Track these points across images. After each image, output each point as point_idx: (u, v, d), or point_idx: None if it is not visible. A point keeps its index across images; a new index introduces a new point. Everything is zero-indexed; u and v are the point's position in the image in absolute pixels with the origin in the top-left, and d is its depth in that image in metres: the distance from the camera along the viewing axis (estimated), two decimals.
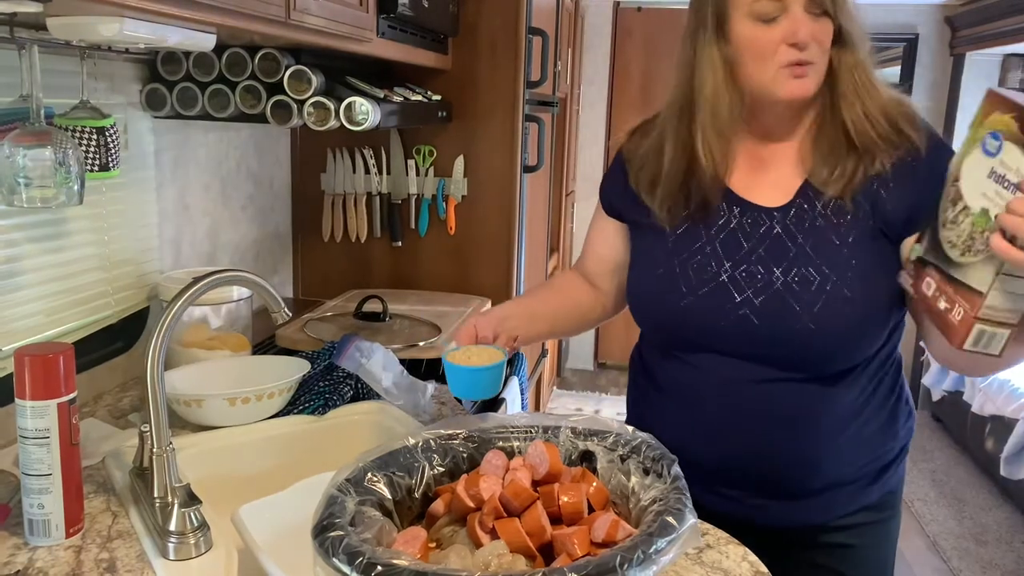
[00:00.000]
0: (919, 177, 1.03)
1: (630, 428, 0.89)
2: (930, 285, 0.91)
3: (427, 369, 1.62)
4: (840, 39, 1.04)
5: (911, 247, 0.98)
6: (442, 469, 0.88)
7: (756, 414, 1.08)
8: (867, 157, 1.05)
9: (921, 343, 3.68)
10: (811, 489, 1.12)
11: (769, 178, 1.11)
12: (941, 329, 0.91)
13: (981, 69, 4.42)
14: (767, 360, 1.07)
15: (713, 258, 1.10)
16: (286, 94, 1.56)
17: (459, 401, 1.46)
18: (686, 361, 1.13)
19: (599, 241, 1.30)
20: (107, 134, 1.32)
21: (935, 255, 0.91)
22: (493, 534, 0.76)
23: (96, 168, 1.32)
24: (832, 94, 1.06)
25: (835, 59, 1.05)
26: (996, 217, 0.81)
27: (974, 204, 0.86)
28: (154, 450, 0.99)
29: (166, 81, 1.58)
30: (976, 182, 0.86)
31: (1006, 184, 0.81)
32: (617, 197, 1.24)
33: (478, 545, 0.76)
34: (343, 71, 1.71)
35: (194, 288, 1.02)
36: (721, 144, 1.08)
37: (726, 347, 1.09)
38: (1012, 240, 0.80)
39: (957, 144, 0.92)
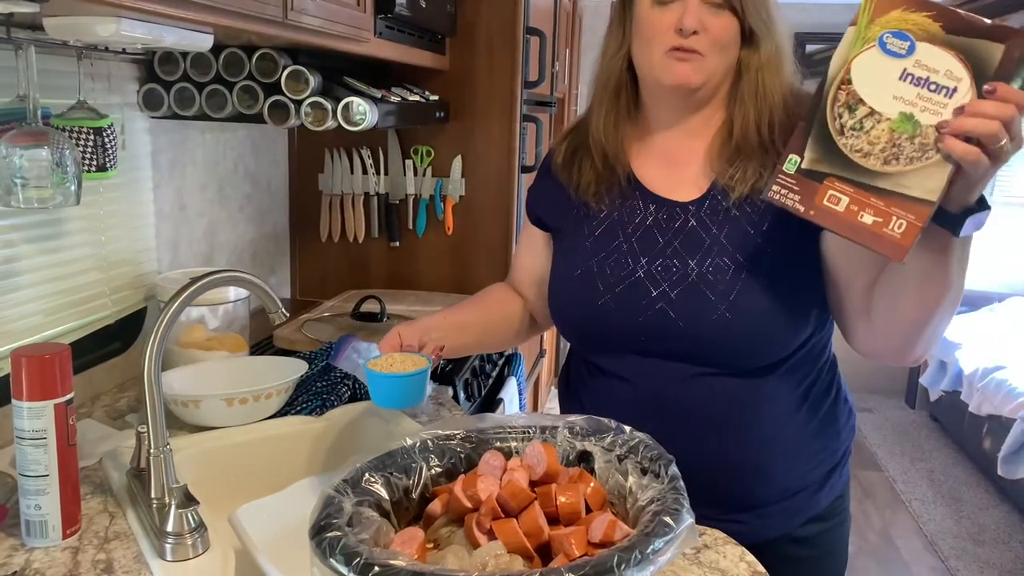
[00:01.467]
0: None
1: (628, 428, 0.89)
2: (839, 199, 0.83)
3: None
4: (749, 39, 1.04)
5: (788, 161, 0.87)
6: (439, 469, 0.88)
7: (689, 415, 1.07)
8: (769, 159, 1.03)
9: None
10: (759, 498, 1.10)
11: (684, 175, 1.11)
12: (868, 244, 0.84)
13: None
14: (690, 357, 1.06)
15: (630, 255, 1.09)
16: (283, 94, 1.56)
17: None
18: (611, 372, 1.12)
19: (524, 251, 1.30)
20: (104, 134, 1.32)
21: (836, 166, 0.83)
22: (491, 535, 0.76)
23: (93, 168, 1.31)
24: (747, 97, 1.05)
25: (744, 60, 1.05)
26: (939, 123, 0.79)
27: (887, 109, 0.81)
28: (151, 451, 0.98)
29: (163, 81, 1.58)
30: (882, 85, 0.81)
31: (934, 87, 0.79)
32: (539, 202, 1.24)
33: (476, 546, 0.76)
34: (340, 71, 1.71)
35: (191, 289, 1.02)
36: (609, 117, 1.11)
37: (647, 346, 1.07)
38: (972, 142, 0.78)
39: None
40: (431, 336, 1.14)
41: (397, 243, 2.27)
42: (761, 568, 0.96)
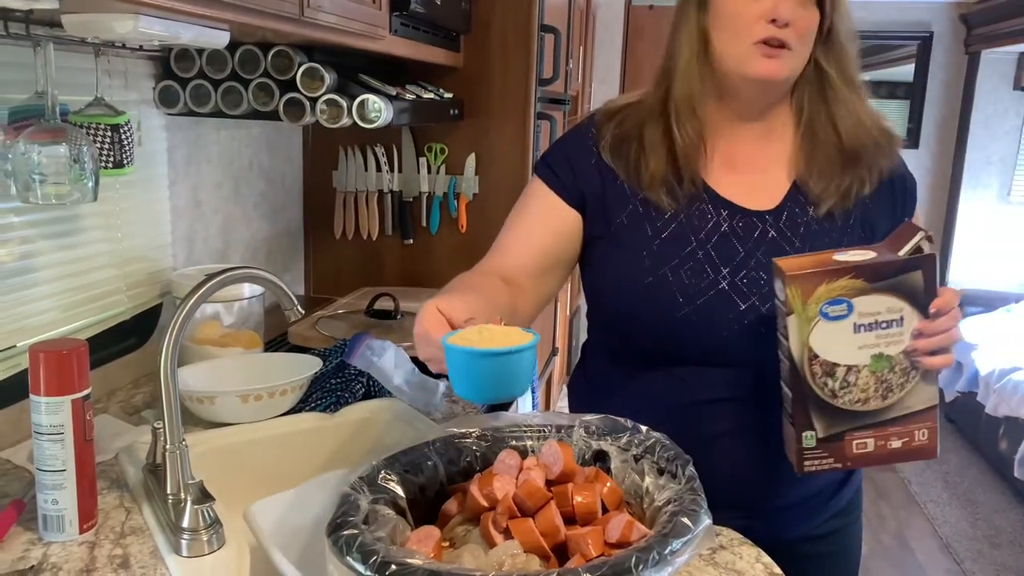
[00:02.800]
0: (896, 194, 1.07)
1: (644, 428, 0.88)
2: (865, 444, 0.96)
3: None
4: (830, 40, 1.01)
5: (804, 438, 0.95)
6: (455, 468, 0.88)
7: (721, 419, 1.04)
8: (859, 173, 1.03)
9: None
10: (784, 499, 1.09)
11: (754, 180, 1.07)
12: (901, 459, 0.97)
13: (996, 67, 4.39)
14: (756, 369, 1.02)
15: (708, 265, 1.03)
16: (299, 91, 1.56)
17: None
18: (656, 376, 1.07)
19: (543, 232, 1.12)
20: (121, 131, 1.32)
21: (847, 422, 0.95)
22: (507, 534, 0.76)
23: (110, 165, 1.32)
24: (822, 99, 1.03)
25: (819, 59, 1.02)
26: (906, 349, 0.92)
27: (860, 359, 0.93)
28: (167, 447, 0.99)
29: (179, 78, 1.59)
30: (843, 345, 0.93)
31: (885, 324, 0.92)
32: (580, 176, 1.10)
33: (492, 545, 0.76)
34: (356, 68, 1.71)
35: (207, 285, 1.02)
36: (693, 120, 1.05)
37: (719, 359, 1.03)
38: (937, 352, 0.92)
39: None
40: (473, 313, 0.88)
41: (411, 241, 2.27)
42: (778, 570, 0.95)
